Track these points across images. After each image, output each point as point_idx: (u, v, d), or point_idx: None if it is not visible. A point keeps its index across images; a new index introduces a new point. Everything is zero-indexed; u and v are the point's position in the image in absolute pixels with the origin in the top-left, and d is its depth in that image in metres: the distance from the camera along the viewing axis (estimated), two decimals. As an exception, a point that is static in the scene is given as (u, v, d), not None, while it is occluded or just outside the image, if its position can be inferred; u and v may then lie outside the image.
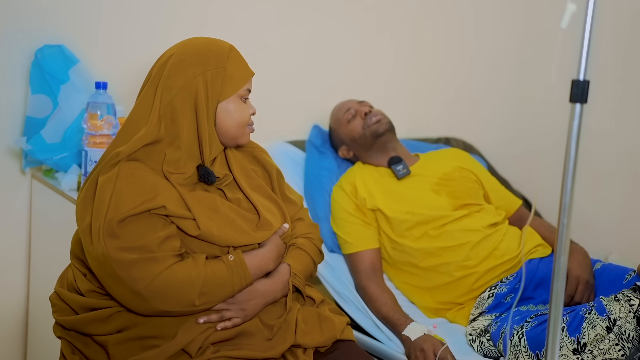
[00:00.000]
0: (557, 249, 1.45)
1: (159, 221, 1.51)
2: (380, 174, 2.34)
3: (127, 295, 1.48)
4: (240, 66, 1.63)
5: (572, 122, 1.43)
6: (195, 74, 1.56)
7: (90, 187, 1.54)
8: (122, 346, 1.52)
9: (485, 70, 2.91)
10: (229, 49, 1.63)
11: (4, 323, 2.31)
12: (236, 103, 1.62)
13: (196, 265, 1.51)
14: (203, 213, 1.56)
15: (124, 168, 1.52)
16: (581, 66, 1.41)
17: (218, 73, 1.59)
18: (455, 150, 2.54)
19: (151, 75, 1.61)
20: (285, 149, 2.52)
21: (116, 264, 1.45)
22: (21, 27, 2.15)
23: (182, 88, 1.55)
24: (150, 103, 1.57)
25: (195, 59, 1.58)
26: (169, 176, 1.55)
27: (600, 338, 1.70)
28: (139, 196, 1.49)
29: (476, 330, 2.00)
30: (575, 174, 1.46)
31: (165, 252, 1.49)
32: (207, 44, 1.63)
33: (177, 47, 1.63)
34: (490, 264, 2.11)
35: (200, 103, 1.56)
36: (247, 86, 1.65)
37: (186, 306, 1.50)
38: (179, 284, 1.48)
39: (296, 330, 1.62)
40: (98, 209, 1.49)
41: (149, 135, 1.54)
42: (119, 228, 1.47)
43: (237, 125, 1.63)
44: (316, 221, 2.32)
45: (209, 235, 1.55)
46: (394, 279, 2.27)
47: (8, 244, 2.27)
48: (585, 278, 2.03)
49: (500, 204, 2.35)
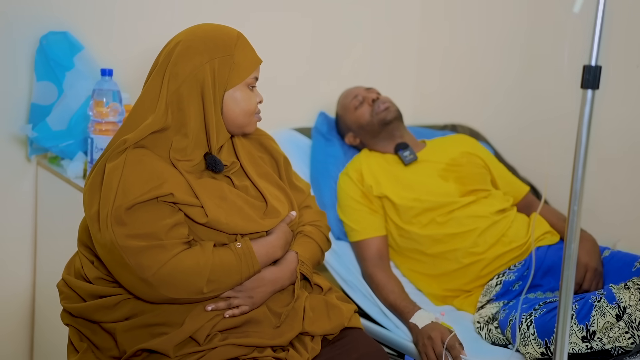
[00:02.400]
0: (568, 236, 1.44)
1: (166, 208, 1.50)
2: (387, 161, 2.33)
3: (135, 283, 1.48)
4: (248, 54, 1.62)
5: (583, 109, 1.42)
6: (203, 61, 1.55)
7: (97, 175, 1.53)
8: (130, 333, 1.52)
9: (492, 56, 2.89)
10: (237, 36, 1.62)
11: (11, 312, 2.31)
12: (243, 91, 1.61)
13: (204, 253, 1.51)
14: (211, 200, 1.55)
15: (131, 155, 1.51)
16: (593, 51, 1.39)
17: (225, 61, 1.57)
18: (463, 136, 2.52)
19: (158, 62, 1.60)
20: (291, 136, 2.51)
21: (124, 252, 1.45)
22: (26, 14, 2.13)
23: (189, 76, 1.54)
24: (157, 90, 1.56)
25: (203, 47, 1.56)
26: (177, 163, 1.54)
27: (610, 326, 1.69)
28: (146, 183, 1.49)
29: (484, 318, 1.99)
30: (586, 161, 1.45)
31: (173, 239, 1.49)
32: (215, 31, 1.61)
33: (184, 34, 1.61)
34: (498, 251, 2.10)
35: (207, 91, 1.55)
36: (255, 74, 1.63)
37: (194, 294, 1.50)
38: (187, 271, 1.47)
39: (304, 318, 1.62)
40: (106, 196, 1.48)
41: (156, 123, 1.53)
42: (127, 215, 1.46)
43: (243, 114, 1.62)
44: (322, 209, 2.31)
45: (217, 223, 1.54)
46: (401, 266, 2.26)
47: (14, 232, 2.26)
48: (593, 266, 2.02)
49: (508, 190, 2.34)
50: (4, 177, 2.22)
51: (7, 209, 2.24)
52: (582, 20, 1.37)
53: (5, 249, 2.26)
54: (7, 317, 2.30)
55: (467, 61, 2.96)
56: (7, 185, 2.23)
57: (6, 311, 2.30)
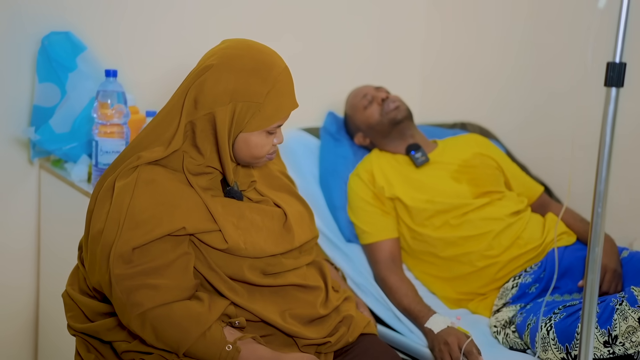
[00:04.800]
0: (592, 239, 1.39)
1: (173, 242, 1.45)
2: (398, 162, 2.28)
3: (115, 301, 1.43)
4: (281, 100, 1.49)
5: (607, 107, 1.37)
6: (225, 100, 1.44)
7: (106, 190, 1.47)
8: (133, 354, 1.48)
9: (500, 52, 2.84)
10: (275, 79, 1.47)
11: (14, 316, 2.27)
12: (259, 137, 1.50)
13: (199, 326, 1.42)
14: (228, 222, 1.49)
15: (143, 173, 1.45)
16: (617, 48, 1.34)
17: (250, 107, 1.46)
18: (475, 136, 2.48)
19: (187, 78, 1.51)
20: (299, 136, 2.46)
21: (120, 290, 1.40)
22: (27, 14, 2.09)
23: (207, 110, 1.45)
24: (177, 114, 1.48)
25: (233, 83, 1.44)
26: (192, 179, 1.49)
27: (632, 330, 1.65)
28: (156, 208, 1.43)
29: (500, 322, 1.95)
30: (610, 161, 1.40)
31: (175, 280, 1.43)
32: (254, 64, 1.46)
33: (219, 56, 1.48)
34: (513, 254, 2.06)
35: (221, 132, 1.46)
36: (280, 122, 1.51)
37: (169, 348, 1.43)
38: (182, 321, 1.42)
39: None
40: (113, 219, 1.42)
41: (171, 147, 1.47)
42: (133, 254, 1.41)
43: (251, 157, 1.53)
44: (333, 210, 2.28)
45: (237, 249, 1.49)
46: (414, 269, 2.22)
47: (17, 237, 2.22)
48: (612, 267, 1.97)
49: (522, 190, 2.30)
50: (6, 180, 2.18)
51: (9, 212, 2.20)
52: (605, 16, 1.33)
53: (8, 253, 2.22)
54: (10, 323, 2.26)
55: (475, 58, 2.92)
56: (10, 188, 2.19)
57: (9, 317, 2.26)
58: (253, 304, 1.52)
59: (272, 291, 1.56)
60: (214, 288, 1.50)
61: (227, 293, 1.49)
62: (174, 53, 2.34)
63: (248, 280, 1.52)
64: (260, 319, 1.52)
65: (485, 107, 2.87)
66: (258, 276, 1.53)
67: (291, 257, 1.60)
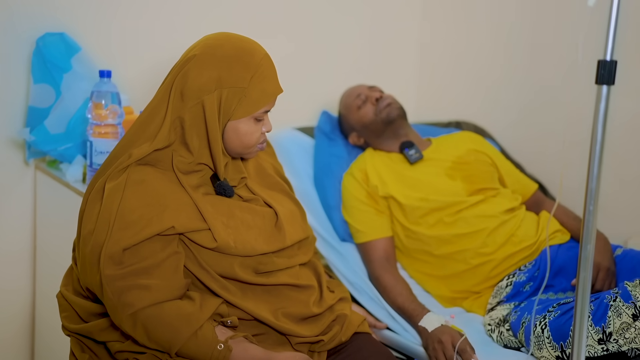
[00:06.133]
0: (584, 237, 1.39)
1: (163, 242, 1.45)
2: (392, 160, 2.28)
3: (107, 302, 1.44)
4: (264, 85, 1.51)
5: (598, 105, 1.37)
6: (211, 88, 1.46)
7: (97, 192, 1.48)
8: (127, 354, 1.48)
9: (495, 50, 2.84)
10: (258, 64, 1.50)
11: (10, 317, 2.27)
12: (247, 124, 1.52)
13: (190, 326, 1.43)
14: (218, 221, 1.50)
15: (133, 174, 1.46)
16: (608, 46, 1.34)
17: (235, 92, 1.48)
18: (469, 133, 2.48)
19: (171, 72, 1.52)
20: (293, 135, 2.46)
21: (111, 290, 1.41)
22: (21, 15, 2.09)
23: (195, 101, 1.47)
24: (163, 107, 1.50)
25: (216, 71, 1.47)
26: (182, 178, 1.49)
27: (626, 326, 1.65)
28: (146, 209, 1.43)
29: (495, 320, 1.95)
30: (602, 159, 1.41)
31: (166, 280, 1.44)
32: (235, 51, 1.49)
33: (202, 46, 1.50)
34: (507, 251, 2.06)
35: (211, 121, 1.47)
36: (266, 108, 1.53)
37: (161, 348, 1.44)
38: (173, 321, 1.42)
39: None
40: (104, 220, 1.43)
41: (160, 142, 1.48)
42: (123, 255, 1.42)
43: (242, 146, 1.54)
44: (327, 210, 2.28)
45: (226, 248, 1.49)
46: (408, 268, 2.22)
47: (13, 238, 2.22)
48: (606, 265, 1.98)
49: (516, 187, 2.30)
50: (2, 181, 2.18)
51: (5, 213, 2.19)
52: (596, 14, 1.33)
53: (4, 256, 2.21)
54: (6, 324, 2.26)
55: (469, 57, 2.92)
56: (5, 189, 2.19)
57: (6, 318, 2.26)
58: (246, 302, 1.52)
59: (264, 290, 1.56)
60: (207, 287, 1.50)
61: (219, 291, 1.50)
62: (168, 54, 2.32)
63: (240, 279, 1.52)
64: (253, 317, 1.53)
65: (479, 105, 2.88)
66: (250, 274, 1.53)
67: (284, 256, 1.60)
